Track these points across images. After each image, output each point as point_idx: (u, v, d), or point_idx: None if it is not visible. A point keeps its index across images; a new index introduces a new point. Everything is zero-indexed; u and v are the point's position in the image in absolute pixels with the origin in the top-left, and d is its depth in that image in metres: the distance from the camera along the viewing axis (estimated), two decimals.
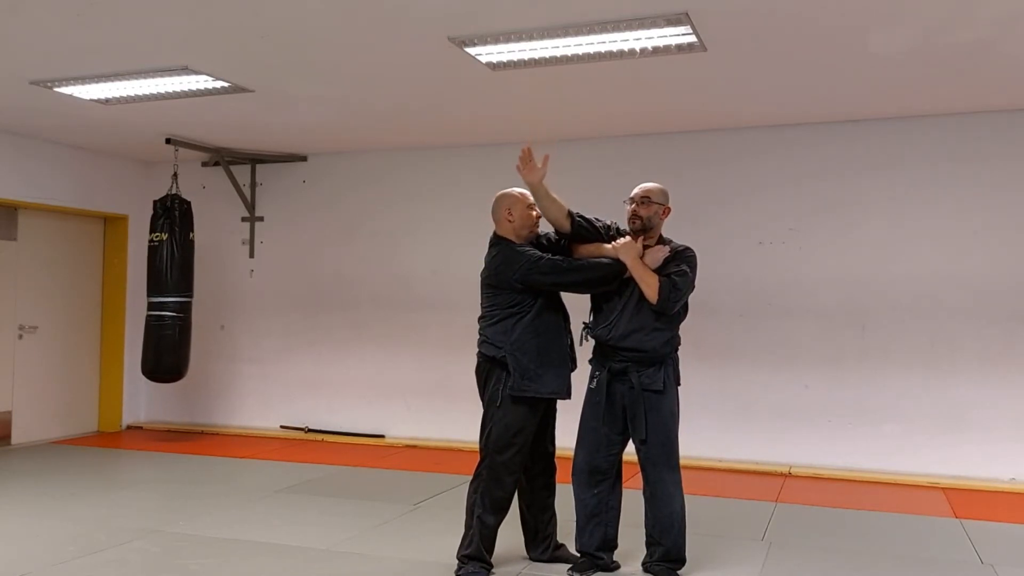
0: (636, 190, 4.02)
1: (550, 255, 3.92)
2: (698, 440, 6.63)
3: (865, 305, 6.32)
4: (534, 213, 4.02)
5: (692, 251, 4.03)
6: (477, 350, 4.02)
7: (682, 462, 6.57)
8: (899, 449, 6.16)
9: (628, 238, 3.94)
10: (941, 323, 6.13)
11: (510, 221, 3.99)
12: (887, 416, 6.22)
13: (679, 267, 3.92)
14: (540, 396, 3.86)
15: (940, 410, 6.11)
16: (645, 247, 3.95)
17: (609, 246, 3.96)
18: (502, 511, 3.92)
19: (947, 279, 6.13)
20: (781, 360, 6.51)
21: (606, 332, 3.91)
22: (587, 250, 4.05)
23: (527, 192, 4.03)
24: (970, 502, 5.51)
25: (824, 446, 6.34)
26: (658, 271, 3.88)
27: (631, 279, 3.88)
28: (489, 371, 3.93)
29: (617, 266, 3.87)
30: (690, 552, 4.35)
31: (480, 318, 4.02)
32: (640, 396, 3.87)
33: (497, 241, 4.00)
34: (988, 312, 6.04)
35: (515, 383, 3.82)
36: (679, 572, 3.98)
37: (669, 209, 4.03)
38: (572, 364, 4.01)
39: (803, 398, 6.44)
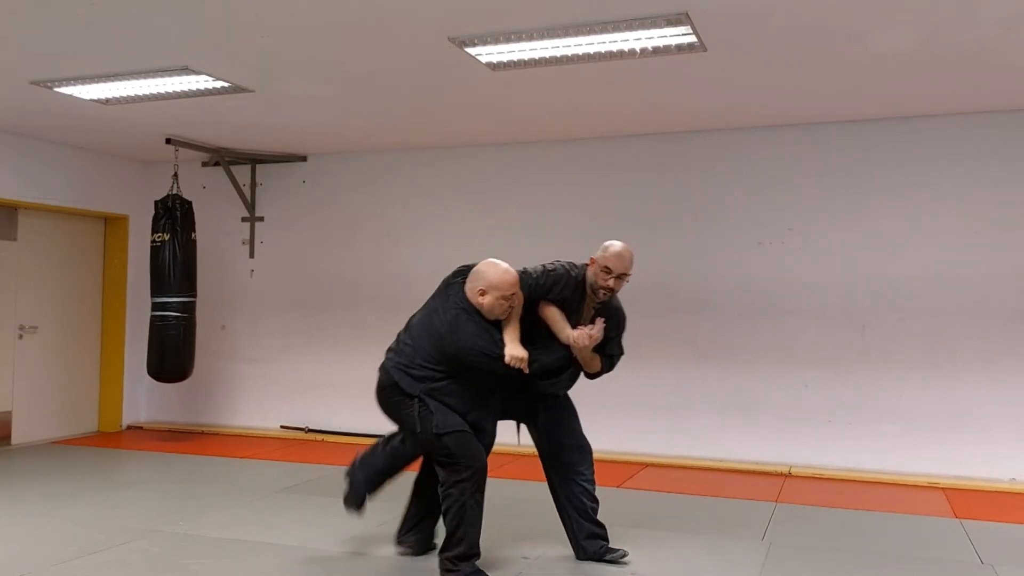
0: (616, 262, 3.92)
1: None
2: (698, 440, 6.65)
3: (865, 305, 6.32)
4: (507, 304, 3.79)
5: (624, 312, 4.18)
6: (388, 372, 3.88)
7: (683, 462, 6.63)
8: (899, 449, 6.16)
9: (588, 335, 3.83)
10: (941, 323, 6.13)
11: (480, 303, 3.78)
12: (887, 416, 6.22)
13: (620, 346, 4.17)
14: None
15: (940, 410, 6.11)
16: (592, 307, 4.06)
17: (566, 334, 3.89)
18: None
19: (947, 279, 6.13)
20: (781, 360, 6.51)
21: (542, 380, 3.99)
22: (548, 315, 3.96)
23: (511, 277, 3.78)
24: (970, 502, 5.51)
25: (824, 446, 6.34)
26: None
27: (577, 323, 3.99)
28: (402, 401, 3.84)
29: (566, 361, 3.97)
30: (690, 552, 4.36)
31: (408, 334, 3.93)
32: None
33: (465, 306, 3.81)
34: (988, 312, 6.04)
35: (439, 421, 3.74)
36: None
37: None
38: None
39: (803, 398, 6.44)
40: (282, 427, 7.92)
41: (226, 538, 4.55)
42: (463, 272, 3.91)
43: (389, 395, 3.89)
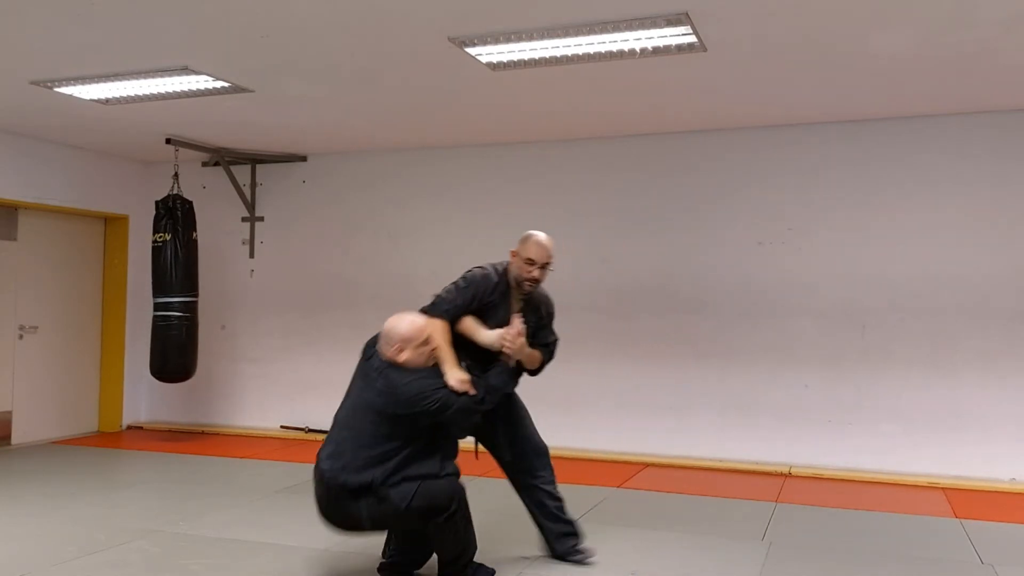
0: (538, 252, 3.89)
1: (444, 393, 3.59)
2: (698, 440, 6.65)
3: (865, 305, 6.32)
4: (427, 350, 3.67)
5: (550, 298, 4.16)
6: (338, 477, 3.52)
7: (683, 462, 6.63)
8: (899, 449, 6.16)
9: (514, 334, 3.79)
10: (941, 323, 6.13)
11: (404, 361, 3.61)
12: (887, 416, 6.22)
13: (552, 331, 4.14)
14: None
15: (940, 410, 6.10)
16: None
17: (488, 342, 3.85)
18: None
19: (947, 279, 6.13)
20: (781, 360, 6.51)
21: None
22: (466, 329, 3.93)
23: (418, 323, 3.69)
24: (970, 502, 5.51)
25: (824, 446, 6.34)
26: (528, 317, 3.94)
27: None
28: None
29: (508, 372, 3.88)
30: (690, 552, 4.35)
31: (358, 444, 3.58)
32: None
33: (391, 365, 3.61)
34: (988, 312, 6.03)
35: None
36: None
37: None
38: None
39: (803, 398, 6.43)
40: (282, 427, 7.92)
41: (226, 538, 4.55)
42: (372, 344, 3.75)
43: (338, 503, 3.54)
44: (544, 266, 3.95)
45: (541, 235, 3.98)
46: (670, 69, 5.07)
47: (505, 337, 3.81)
